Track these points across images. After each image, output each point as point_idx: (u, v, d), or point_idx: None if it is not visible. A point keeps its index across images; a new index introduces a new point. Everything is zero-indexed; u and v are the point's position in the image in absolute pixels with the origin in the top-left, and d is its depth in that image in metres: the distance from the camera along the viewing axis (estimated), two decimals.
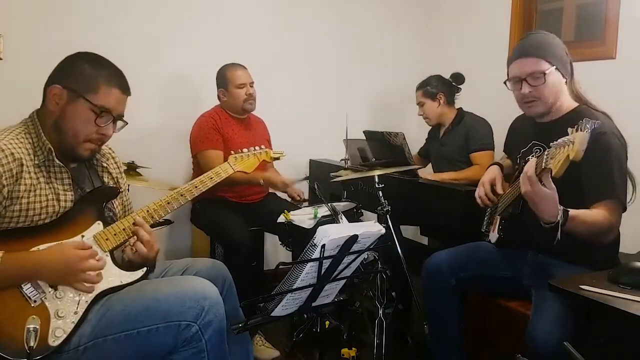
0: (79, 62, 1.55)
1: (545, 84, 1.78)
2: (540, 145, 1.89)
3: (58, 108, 1.51)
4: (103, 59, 1.59)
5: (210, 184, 1.75)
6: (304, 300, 1.58)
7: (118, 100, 1.56)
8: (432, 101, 3.03)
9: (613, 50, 2.67)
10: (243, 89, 2.84)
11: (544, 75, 1.77)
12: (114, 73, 1.58)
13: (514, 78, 1.85)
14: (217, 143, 2.77)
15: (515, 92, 1.87)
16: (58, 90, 1.51)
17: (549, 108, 1.84)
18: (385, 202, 2.37)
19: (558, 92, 1.82)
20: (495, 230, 1.98)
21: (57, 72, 1.56)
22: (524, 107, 1.89)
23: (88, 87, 1.51)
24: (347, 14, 3.67)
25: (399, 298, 2.53)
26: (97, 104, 1.52)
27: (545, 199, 1.53)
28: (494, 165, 2.13)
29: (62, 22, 2.83)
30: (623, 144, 1.76)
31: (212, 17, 3.24)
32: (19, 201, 1.44)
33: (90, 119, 1.52)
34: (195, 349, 1.48)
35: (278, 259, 3.34)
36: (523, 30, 3.19)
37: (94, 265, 1.47)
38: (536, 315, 1.68)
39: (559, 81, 1.82)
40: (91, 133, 1.54)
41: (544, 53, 1.79)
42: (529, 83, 1.80)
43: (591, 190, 1.71)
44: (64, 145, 1.54)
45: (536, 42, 1.83)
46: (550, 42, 1.83)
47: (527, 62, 1.80)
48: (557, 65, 1.79)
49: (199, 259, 1.84)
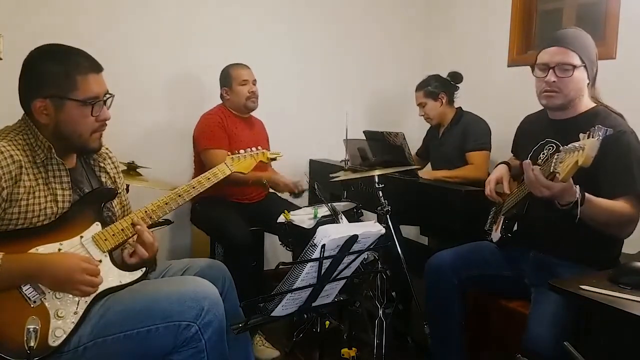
0: (42, 65, 1.50)
1: (572, 78, 1.77)
2: (553, 142, 1.88)
3: (50, 119, 1.50)
4: (58, 48, 1.54)
5: (207, 184, 1.75)
6: (304, 300, 1.57)
7: (98, 82, 1.54)
8: (434, 101, 3.02)
9: (613, 50, 2.66)
10: (246, 86, 2.85)
11: (573, 69, 1.76)
12: (77, 58, 1.52)
13: (542, 65, 1.82)
14: (222, 142, 2.78)
15: (538, 79, 1.85)
16: (41, 103, 1.48)
17: (567, 103, 1.82)
18: (385, 202, 2.37)
19: (580, 90, 1.81)
20: (498, 230, 1.98)
21: (27, 85, 1.51)
22: (542, 96, 1.86)
23: (67, 86, 1.48)
24: (347, 14, 3.66)
25: (399, 298, 2.53)
26: (83, 98, 1.50)
27: (562, 192, 1.54)
28: (502, 164, 2.12)
29: (64, 21, 2.83)
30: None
31: (214, 17, 3.24)
32: (17, 203, 1.44)
33: (86, 114, 1.52)
34: (195, 349, 1.48)
35: (278, 259, 3.33)
36: (523, 30, 3.19)
37: (93, 282, 1.46)
38: (534, 316, 1.68)
39: (584, 80, 1.81)
40: (93, 125, 1.54)
41: (579, 48, 1.78)
42: (555, 73, 1.78)
43: (610, 186, 1.70)
44: (73, 146, 1.56)
45: (574, 35, 1.82)
46: (586, 41, 1.82)
47: (559, 52, 1.79)
48: (587, 64, 1.79)
49: (198, 259, 1.84)
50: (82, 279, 1.44)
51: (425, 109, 3.06)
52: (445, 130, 3.07)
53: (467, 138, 2.92)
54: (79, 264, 1.44)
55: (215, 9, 3.24)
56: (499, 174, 2.06)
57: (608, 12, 2.70)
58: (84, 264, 1.45)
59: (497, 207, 2.07)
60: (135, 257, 1.58)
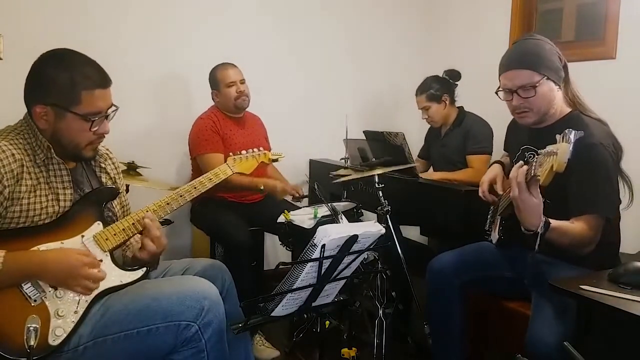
0: (49, 71, 1.48)
1: (536, 96, 1.77)
2: (532, 150, 1.89)
3: (49, 125, 1.50)
4: (69, 55, 1.52)
5: (209, 185, 1.75)
6: (304, 300, 1.57)
7: (103, 98, 1.52)
8: (438, 104, 2.98)
9: (613, 50, 2.66)
10: (233, 87, 2.83)
11: (535, 88, 1.76)
12: (87, 70, 1.50)
13: (505, 89, 1.83)
14: (216, 145, 2.77)
15: (507, 102, 1.86)
16: (42, 109, 1.48)
17: (541, 117, 1.82)
18: (385, 202, 2.37)
19: (550, 101, 1.80)
20: (496, 231, 1.98)
21: (32, 89, 1.50)
22: (515, 116, 1.88)
23: (70, 99, 1.47)
24: (346, 14, 3.67)
25: (399, 298, 2.53)
26: (85, 113, 1.49)
27: (530, 207, 1.54)
28: (496, 164, 2.12)
29: (62, 22, 2.84)
30: (611, 153, 1.72)
31: (211, 17, 3.24)
32: (19, 202, 1.44)
33: (85, 128, 1.51)
34: (195, 349, 1.48)
35: (278, 259, 3.34)
36: (523, 30, 3.19)
37: (95, 276, 1.47)
38: (536, 316, 1.68)
39: (551, 90, 1.79)
40: (90, 138, 1.54)
41: (535, 64, 1.76)
42: (519, 95, 1.78)
43: (574, 202, 1.71)
44: (68, 152, 1.55)
45: (526, 51, 1.80)
46: (541, 51, 1.79)
47: (517, 75, 1.77)
48: (548, 74, 1.76)
49: (199, 259, 1.84)
50: (85, 273, 1.44)
51: (429, 113, 3.02)
52: (447, 131, 3.05)
53: (468, 140, 2.92)
54: (80, 258, 1.45)
55: (214, 9, 3.24)
56: (493, 175, 2.06)
57: (608, 12, 2.71)
58: (85, 258, 1.46)
59: (494, 208, 2.07)
60: (143, 252, 1.58)
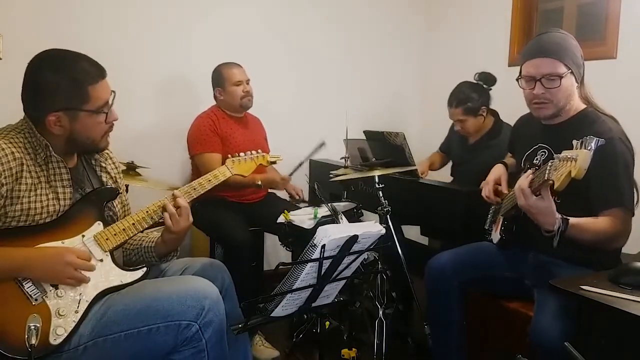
0: (48, 77, 1.47)
1: (560, 87, 1.74)
2: (546, 147, 1.87)
3: (64, 130, 1.51)
4: (59, 55, 1.51)
5: (208, 186, 1.75)
6: (304, 301, 1.57)
7: (106, 88, 1.55)
8: (475, 117, 2.69)
9: (614, 50, 2.67)
10: (240, 86, 2.83)
11: (560, 79, 1.73)
12: (83, 65, 1.51)
13: (528, 77, 1.79)
14: (214, 146, 2.76)
15: (526, 90, 1.82)
16: (55, 117, 1.48)
17: (558, 111, 1.80)
18: (386, 202, 2.37)
19: (569, 96, 1.78)
20: (497, 231, 1.97)
21: (38, 101, 1.49)
22: (532, 107, 1.83)
23: (79, 98, 1.48)
24: (346, 14, 3.67)
25: (399, 298, 2.53)
26: (96, 108, 1.51)
27: (541, 210, 1.56)
28: (499, 165, 2.12)
29: (62, 22, 2.84)
30: (630, 149, 1.73)
31: (211, 17, 3.24)
32: (19, 200, 1.44)
33: (100, 121, 1.54)
34: (195, 349, 1.48)
35: (278, 259, 3.34)
36: (524, 30, 3.20)
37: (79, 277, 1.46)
38: (539, 312, 1.68)
39: (572, 85, 1.77)
40: (104, 128, 1.58)
41: (563, 55, 1.74)
42: (543, 84, 1.75)
43: (598, 199, 1.70)
44: (84, 149, 1.60)
45: (556, 42, 1.76)
46: (569, 44, 1.77)
47: (544, 63, 1.74)
48: (572, 68, 1.75)
49: (197, 259, 1.83)
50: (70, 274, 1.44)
51: (464, 125, 2.73)
52: (478, 140, 2.77)
53: None
54: (65, 247, 1.46)
55: (214, 8, 3.24)
56: (497, 175, 2.06)
57: (609, 11, 2.71)
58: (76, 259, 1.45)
59: (496, 207, 2.07)
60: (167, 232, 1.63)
